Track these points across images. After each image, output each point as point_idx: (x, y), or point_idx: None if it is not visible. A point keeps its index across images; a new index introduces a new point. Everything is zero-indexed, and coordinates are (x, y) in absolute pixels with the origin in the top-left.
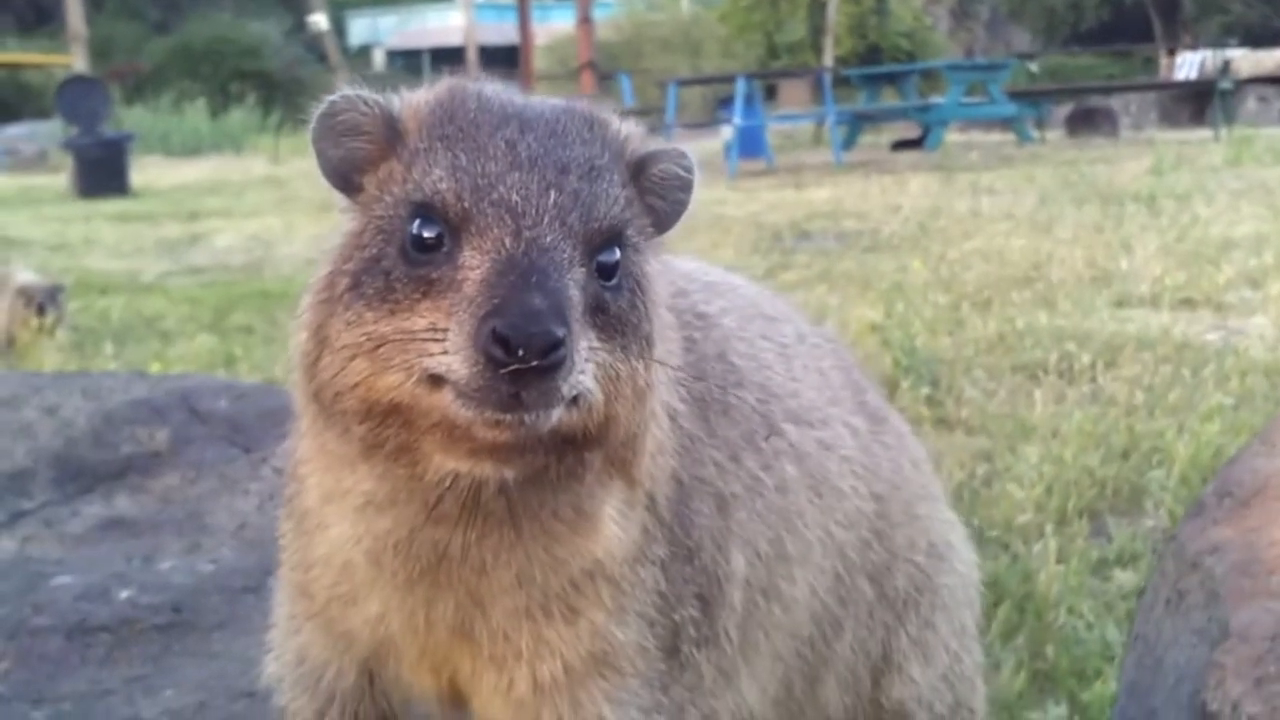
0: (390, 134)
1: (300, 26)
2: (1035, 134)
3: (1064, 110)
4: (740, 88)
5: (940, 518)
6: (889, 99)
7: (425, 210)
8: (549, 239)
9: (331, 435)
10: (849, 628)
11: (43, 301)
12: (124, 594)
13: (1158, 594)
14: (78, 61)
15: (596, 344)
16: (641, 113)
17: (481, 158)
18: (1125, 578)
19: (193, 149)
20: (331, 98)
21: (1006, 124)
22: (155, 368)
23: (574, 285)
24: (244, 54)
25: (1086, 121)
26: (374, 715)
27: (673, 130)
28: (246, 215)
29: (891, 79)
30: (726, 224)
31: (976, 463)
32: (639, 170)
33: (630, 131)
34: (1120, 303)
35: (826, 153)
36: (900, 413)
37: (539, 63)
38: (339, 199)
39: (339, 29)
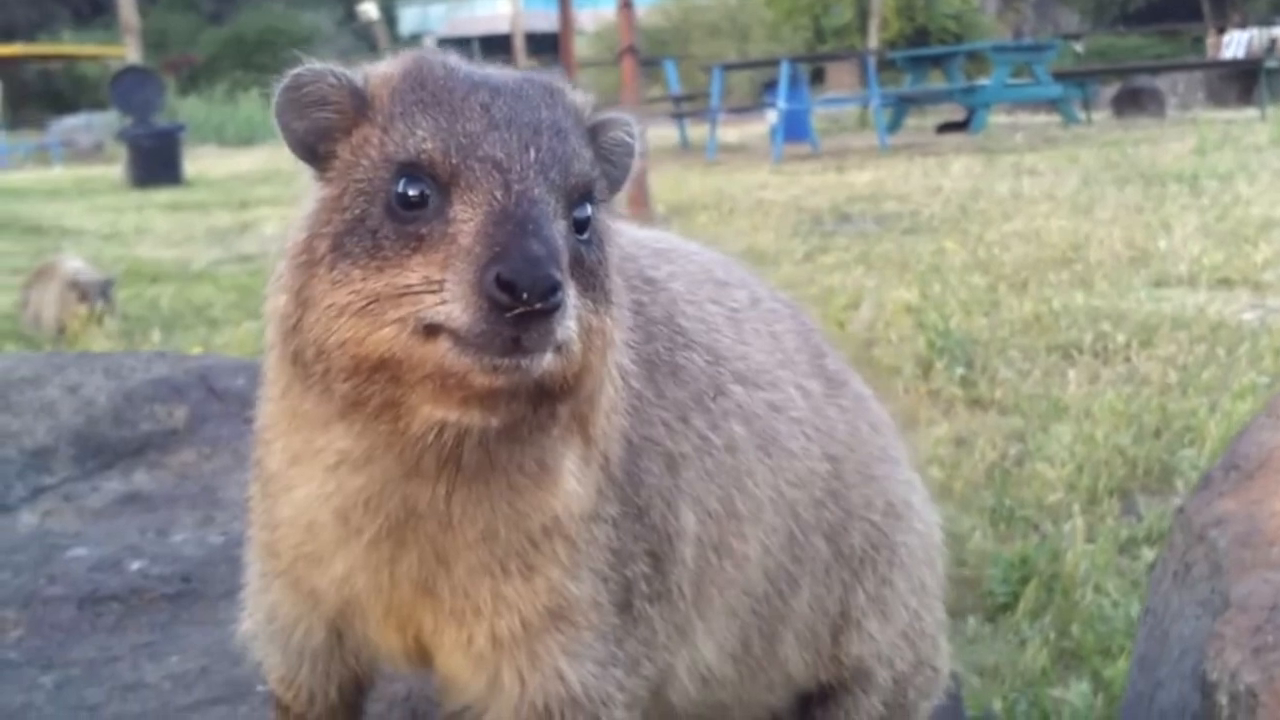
0: (358, 103)
1: (351, 16)
2: (1081, 115)
3: (1111, 91)
4: (784, 72)
5: (899, 478)
6: (936, 81)
7: (411, 169)
8: (536, 191)
9: (309, 396)
10: (806, 585)
11: (93, 297)
12: (136, 565)
13: (1167, 567)
14: (131, 53)
15: (577, 298)
16: (687, 98)
17: (460, 119)
18: (1153, 556)
19: (246, 139)
20: (294, 71)
21: (1053, 105)
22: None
23: (560, 236)
24: (296, 44)
25: (1133, 102)
26: (343, 673)
27: (717, 115)
28: (296, 203)
29: (937, 61)
30: (767, 207)
31: (1009, 443)
32: (593, 136)
33: (584, 100)
34: (1158, 283)
35: (872, 136)
36: (934, 393)
37: (586, 49)
38: (305, 170)
39: (389, 18)
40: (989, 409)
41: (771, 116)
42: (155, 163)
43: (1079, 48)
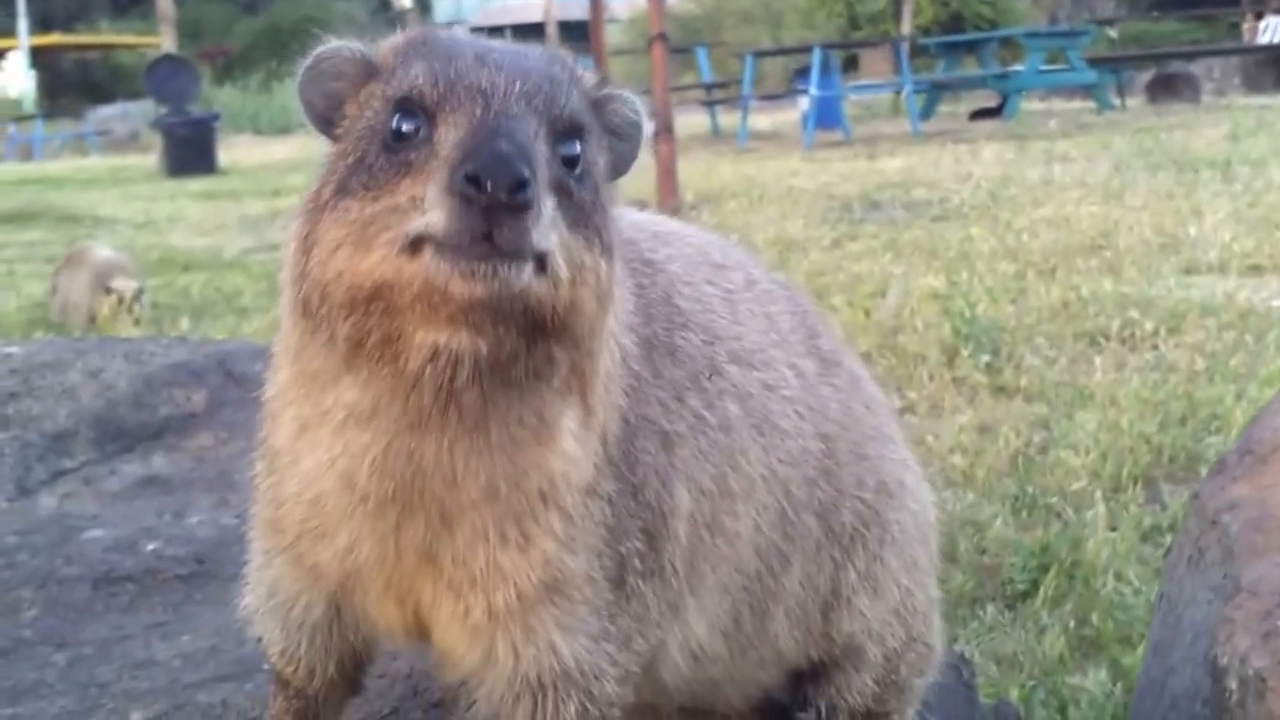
0: (369, 71)
1: (386, 5)
2: (1116, 101)
3: (1146, 77)
4: (816, 58)
5: (892, 457)
6: (969, 68)
7: (404, 104)
8: (515, 110)
9: (316, 349)
10: (797, 563)
11: (128, 301)
12: (151, 546)
13: (1181, 553)
14: (166, 42)
15: (561, 222)
16: (719, 85)
17: (454, 61)
18: None
19: (281, 127)
20: (316, 50)
21: (1087, 91)
22: None
23: (539, 151)
24: (331, 33)
25: (1167, 88)
26: (342, 648)
27: (749, 102)
28: None
29: (971, 47)
30: (796, 195)
31: (1033, 430)
32: (597, 107)
33: (588, 74)
34: (1187, 269)
35: (905, 123)
36: (959, 381)
37: (619, 36)
38: (324, 142)
39: (424, 7)
40: (1014, 396)
41: (803, 103)
42: (190, 151)
43: (1113, 33)
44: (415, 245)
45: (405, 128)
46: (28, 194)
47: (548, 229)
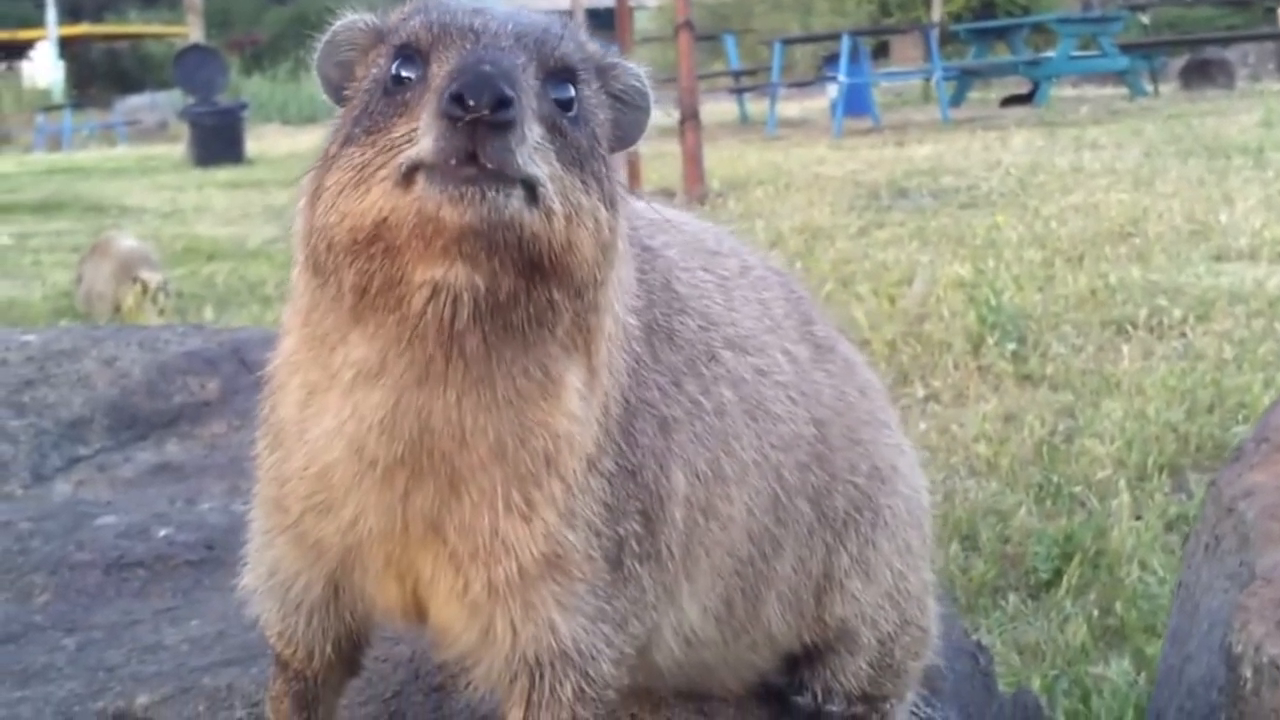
0: (380, 40)
1: None
2: (1149, 87)
3: (1179, 63)
4: (845, 45)
5: (886, 442)
6: (1001, 54)
7: (402, 50)
8: (505, 45)
9: (325, 306)
10: (789, 547)
11: (154, 291)
12: (162, 532)
13: (1199, 540)
14: (194, 32)
15: (553, 157)
16: (748, 73)
17: (451, 12)
18: None
19: (309, 117)
20: (333, 26)
21: (1120, 78)
22: None
23: (526, 82)
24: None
25: (1201, 74)
26: (339, 629)
27: (778, 90)
28: None
29: (1002, 34)
30: (823, 183)
31: (1059, 419)
32: (603, 73)
33: (594, 44)
34: (1217, 257)
35: (935, 110)
36: (984, 369)
37: (648, 24)
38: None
39: None
40: (1040, 385)
41: (832, 91)
42: (217, 141)
43: (1146, 19)
44: (409, 176)
45: (404, 73)
46: (56, 183)
47: (534, 153)
